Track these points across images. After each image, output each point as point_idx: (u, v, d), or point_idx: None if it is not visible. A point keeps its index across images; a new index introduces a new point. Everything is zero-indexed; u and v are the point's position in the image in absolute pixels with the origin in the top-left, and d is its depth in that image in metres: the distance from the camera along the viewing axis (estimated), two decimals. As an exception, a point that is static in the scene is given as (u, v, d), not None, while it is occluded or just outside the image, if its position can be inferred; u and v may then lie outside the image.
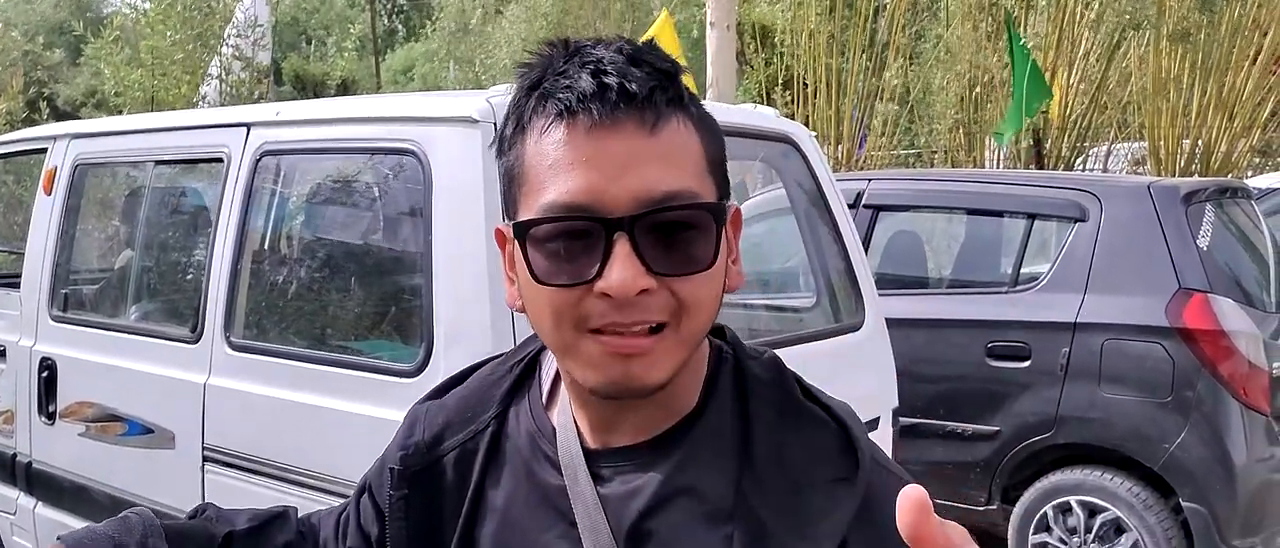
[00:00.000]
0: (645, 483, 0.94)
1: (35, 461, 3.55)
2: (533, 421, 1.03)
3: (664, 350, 0.88)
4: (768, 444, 0.93)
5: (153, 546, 1.11)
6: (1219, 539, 3.93)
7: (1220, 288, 4.05)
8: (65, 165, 3.65)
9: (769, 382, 0.97)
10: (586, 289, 0.86)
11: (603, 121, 0.86)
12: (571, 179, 0.86)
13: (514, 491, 1.01)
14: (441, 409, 1.10)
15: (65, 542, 1.09)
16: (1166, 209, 4.17)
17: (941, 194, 5.22)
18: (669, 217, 0.86)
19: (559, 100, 0.87)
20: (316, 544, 1.20)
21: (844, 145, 10.42)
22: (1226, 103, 9.60)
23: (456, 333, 2.41)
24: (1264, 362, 3.99)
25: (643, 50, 0.90)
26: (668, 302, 0.87)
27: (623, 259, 0.85)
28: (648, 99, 0.87)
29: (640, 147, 0.86)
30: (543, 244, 0.88)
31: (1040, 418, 4.23)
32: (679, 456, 0.94)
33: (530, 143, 0.90)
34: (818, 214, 3.31)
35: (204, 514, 1.21)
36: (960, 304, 4.64)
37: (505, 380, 1.07)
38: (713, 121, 0.94)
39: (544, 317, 0.90)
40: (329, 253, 3.00)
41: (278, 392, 2.75)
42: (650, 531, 0.93)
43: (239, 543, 1.16)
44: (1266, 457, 4.03)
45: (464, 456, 1.05)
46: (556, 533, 0.97)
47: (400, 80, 27.45)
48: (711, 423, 0.95)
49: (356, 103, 3.32)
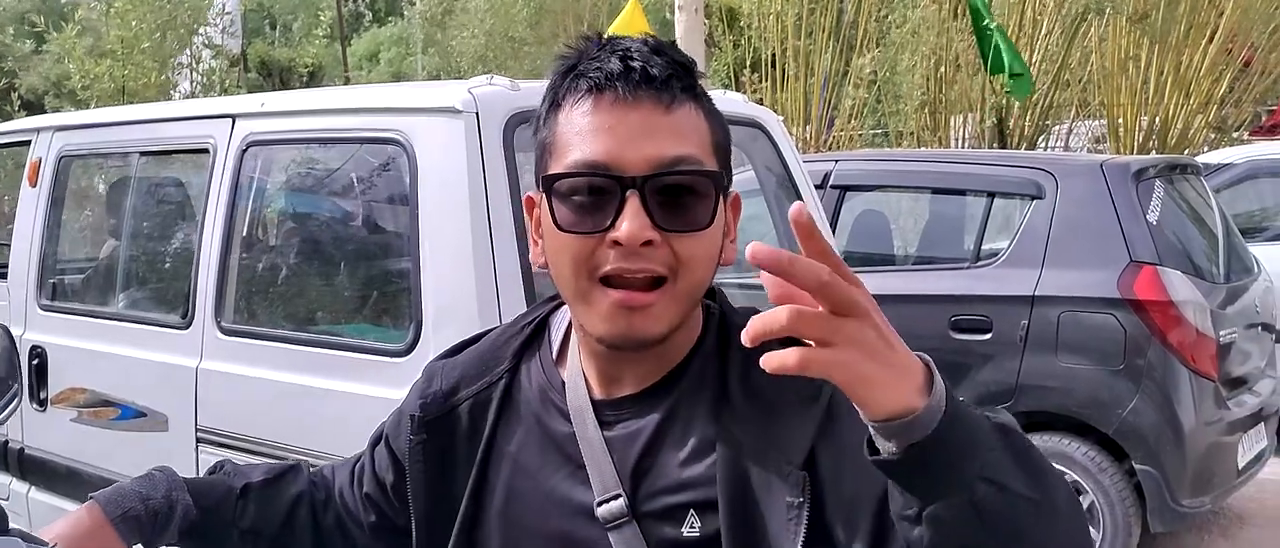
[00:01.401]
0: (644, 426, 1.08)
1: (27, 447, 3.63)
2: (543, 374, 1.16)
3: (663, 305, 1.02)
4: (740, 377, 1.06)
5: (177, 497, 1.22)
6: (1170, 499, 4.10)
7: (1170, 261, 4.22)
8: (49, 157, 3.71)
9: (742, 327, 1.11)
10: (600, 238, 1.00)
11: (625, 97, 1.01)
12: (595, 142, 1.01)
13: (525, 438, 1.14)
14: (456, 365, 1.21)
15: (98, 498, 1.21)
16: (1118, 186, 4.33)
17: (906, 174, 5.38)
18: (674, 180, 1.01)
19: (590, 78, 1.03)
20: (329, 494, 1.31)
21: (811, 126, 10.55)
22: (1183, 81, 9.82)
23: (445, 314, 2.53)
24: (1211, 330, 4.17)
25: (665, 45, 1.06)
26: (668, 256, 1.01)
27: (633, 213, 0.99)
28: (665, 83, 1.02)
29: (656, 120, 1.01)
30: (567, 198, 1.02)
31: (1001, 387, 4.38)
32: (671, 400, 1.08)
33: (562, 115, 1.05)
34: (786, 196, 3.44)
35: (222, 469, 1.33)
36: (924, 280, 4.79)
37: (517, 338, 1.20)
38: (720, 115, 1.09)
39: (564, 264, 1.03)
40: (317, 240, 3.11)
41: (271, 374, 2.85)
42: (648, 467, 1.07)
43: (255, 494, 1.27)
44: (1214, 420, 4.20)
45: (478, 405, 1.17)
46: (564, 475, 1.10)
47: (366, 66, 27.27)
48: (696, 369, 1.09)
49: (341, 94, 3.42)
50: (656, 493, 1.06)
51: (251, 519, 1.26)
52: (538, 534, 1.11)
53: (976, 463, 0.81)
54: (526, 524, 1.12)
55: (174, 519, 1.21)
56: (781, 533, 0.98)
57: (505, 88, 2.67)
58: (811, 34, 10.55)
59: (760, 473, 1.01)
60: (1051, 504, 0.84)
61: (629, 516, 1.05)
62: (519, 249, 2.53)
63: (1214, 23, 9.74)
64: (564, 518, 1.10)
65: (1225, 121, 10.75)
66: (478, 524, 1.14)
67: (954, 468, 0.80)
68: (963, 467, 0.80)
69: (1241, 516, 5.12)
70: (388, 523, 1.26)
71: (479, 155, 2.53)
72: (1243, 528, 5.01)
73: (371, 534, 1.28)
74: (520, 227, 2.55)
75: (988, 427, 0.83)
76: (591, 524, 1.07)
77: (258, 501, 1.27)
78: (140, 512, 1.19)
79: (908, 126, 10.31)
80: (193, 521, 1.22)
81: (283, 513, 1.28)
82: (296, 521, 1.28)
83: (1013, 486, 0.81)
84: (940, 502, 0.81)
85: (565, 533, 1.09)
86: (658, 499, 1.06)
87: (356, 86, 6.96)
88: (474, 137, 2.54)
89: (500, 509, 1.13)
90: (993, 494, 0.80)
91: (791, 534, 0.98)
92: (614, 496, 1.06)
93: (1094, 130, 10.99)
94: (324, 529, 1.29)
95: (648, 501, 1.06)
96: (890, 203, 5.45)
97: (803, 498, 0.98)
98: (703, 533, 1.04)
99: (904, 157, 6.45)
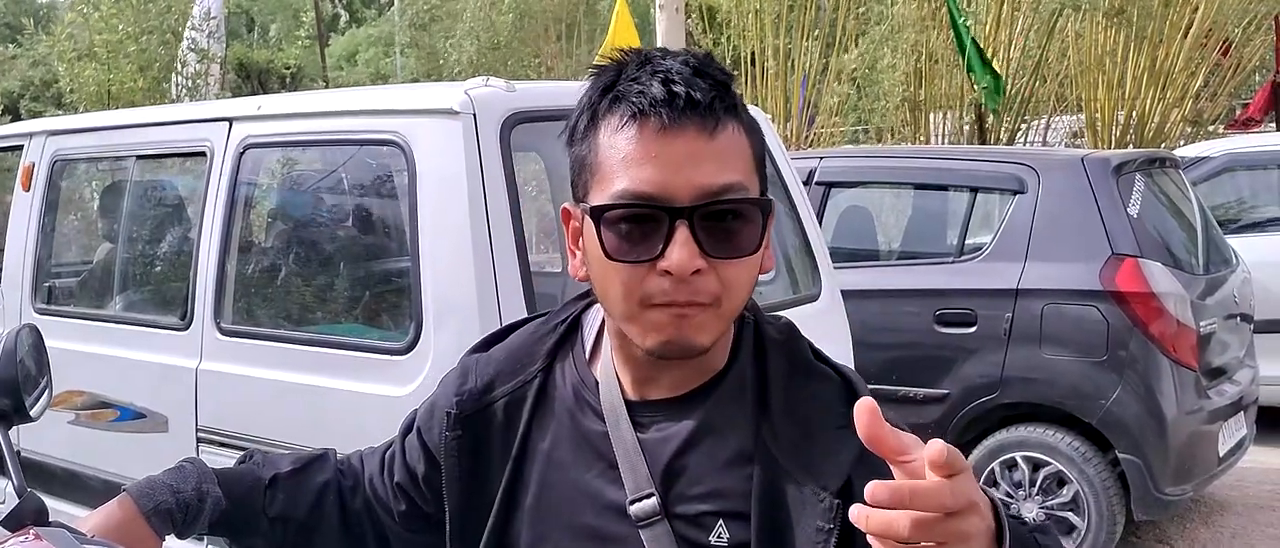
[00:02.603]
0: (678, 430, 1.10)
1: (23, 450, 3.64)
2: (577, 373, 1.18)
3: (710, 320, 1.04)
4: (782, 396, 1.09)
5: (206, 489, 1.25)
6: (1153, 488, 4.17)
7: (1150, 253, 4.30)
8: (43, 161, 3.73)
9: (783, 342, 1.14)
10: (650, 267, 1.02)
11: (670, 125, 1.01)
12: (641, 172, 1.01)
13: (558, 436, 1.16)
14: (490, 361, 1.23)
15: (130, 491, 1.24)
16: (1099, 180, 4.40)
17: (889, 170, 5.45)
18: (722, 208, 1.02)
19: (633, 103, 1.02)
20: (356, 481, 1.34)
21: (793, 123, 10.62)
22: (1159, 76, 9.93)
23: (444, 312, 2.57)
24: (1191, 321, 4.25)
25: (705, 63, 1.05)
26: (714, 283, 1.03)
27: (682, 242, 1.00)
28: (709, 107, 1.02)
29: (700, 147, 1.01)
30: (615, 226, 1.03)
31: (986, 380, 4.44)
32: (707, 407, 1.11)
33: (603, 136, 1.05)
34: (775, 193, 3.50)
35: (251, 459, 1.35)
36: (910, 275, 4.86)
37: (550, 338, 1.22)
38: (756, 124, 1.10)
39: (613, 289, 1.05)
40: (316, 240, 3.14)
41: (272, 373, 2.88)
42: (680, 470, 1.09)
43: (283, 483, 1.30)
44: (1196, 410, 4.28)
45: (513, 403, 1.19)
46: (596, 473, 1.13)
47: (344, 67, 27.18)
48: (734, 379, 1.12)
49: (338, 96, 3.45)
50: (687, 498, 1.08)
51: (280, 507, 1.28)
52: (568, 528, 1.13)
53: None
54: (557, 518, 1.14)
55: (204, 511, 1.24)
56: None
57: (501, 89, 2.72)
58: (791, 31, 10.61)
59: (796, 494, 1.04)
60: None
61: (661, 514, 1.08)
62: (517, 247, 2.58)
63: (1189, 18, 9.86)
64: (594, 514, 1.12)
65: (1201, 115, 10.88)
66: (510, 519, 1.17)
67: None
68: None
69: (1222, 503, 5.21)
70: (418, 511, 1.28)
71: (477, 156, 2.57)
72: (1223, 516, 5.09)
73: (401, 522, 1.30)
74: (518, 225, 2.60)
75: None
76: (621, 521, 1.10)
77: (286, 489, 1.29)
78: (171, 504, 1.22)
79: (888, 122, 10.39)
80: (223, 511, 1.25)
81: (310, 500, 1.30)
82: (324, 507, 1.31)
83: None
84: None
85: (595, 529, 1.12)
86: (688, 504, 1.08)
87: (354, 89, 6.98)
88: (471, 137, 2.58)
89: (533, 504, 1.16)
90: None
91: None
92: (647, 494, 1.09)
93: (1072, 125, 11.09)
94: (351, 516, 1.32)
95: (678, 503, 1.09)
96: (875, 199, 5.51)
97: (833, 526, 1.01)
98: (730, 544, 1.06)
99: (888, 153, 6.53)
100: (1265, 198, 6.86)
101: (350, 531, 1.32)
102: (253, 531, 1.29)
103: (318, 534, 1.31)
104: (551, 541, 1.15)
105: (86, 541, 1.15)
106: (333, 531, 1.31)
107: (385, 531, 1.32)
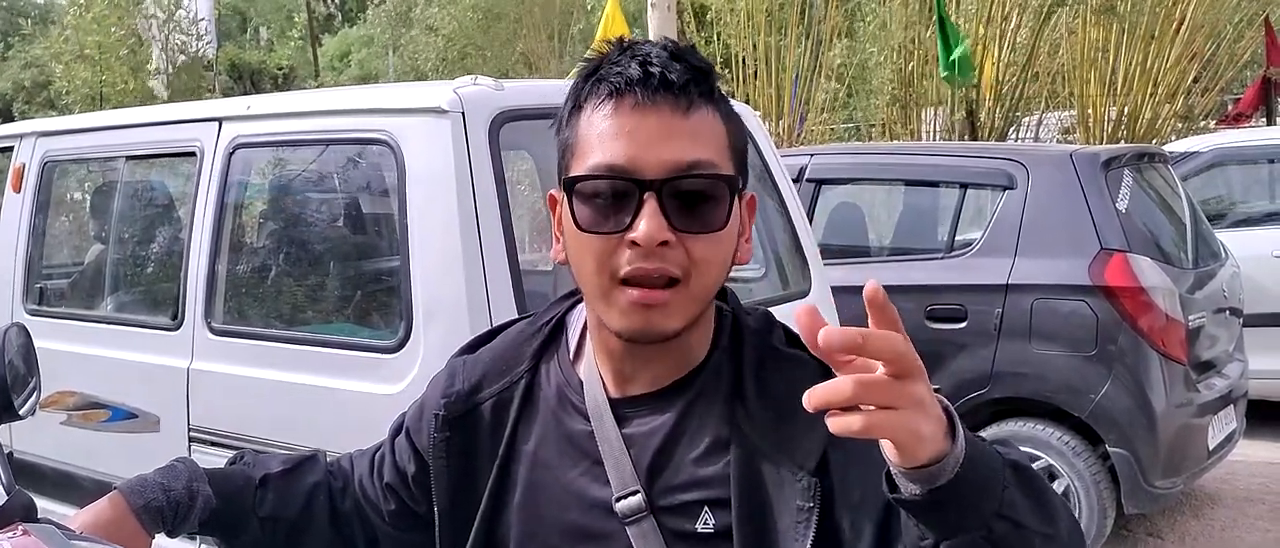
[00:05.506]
0: (660, 424, 1.13)
1: (15, 451, 3.64)
2: (562, 374, 1.20)
3: (678, 304, 1.06)
4: (755, 382, 1.11)
5: (197, 488, 1.26)
6: (1143, 481, 4.18)
7: (1139, 247, 4.31)
8: (33, 163, 3.73)
9: (758, 331, 1.17)
10: (620, 239, 1.04)
11: (644, 102, 1.05)
12: (615, 146, 1.05)
13: (544, 436, 1.18)
14: (477, 363, 1.25)
15: (121, 489, 1.25)
16: (1087, 175, 4.42)
17: (880, 167, 5.46)
18: (690, 183, 1.05)
19: (611, 83, 1.06)
20: (346, 483, 1.35)
21: (784, 120, 10.63)
22: (1151, 71, 9.96)
23: (434, 310, 2.58)
24: (1180, 315, 4.26)
25: (684, 50, 1.09)
26: (682, 258, 1.05)
27: (650, 214, 1.03)
28: (683, 88, 1.05)
29: (673, 124, 1.05)
30: (588, 199, 1.06)
31: (977, 375, 4.46)
32: (686, 399, 1.13)
33: (584, 117, 1.09)
34: (764, 190, 3.50)
35: (242, 459, 1.36)
36: (900, 271, 4.86)
37: (536, 339, 1.24)
38: (736, 114, 1.13)
39: (586, 263, 1.07)
40: (306, 240, 3.15)
41: (262, 373, 2.89)
42: (664, 464, 1.12)
43: (274, 483, 1.31)
44: (1185, 403, 4.29)
45: (500, 404, 1.21)
46: (581, 471, 1.15)
47: (337, 67, 27.16)
48: (712, 370, 1.14)
49: (327, 95, 3.45)
50: (672, 489, 1.11)
51: (270, 507, 1.29)
52: (555, 527, 1.15)
53: (994, 501, 0.86)
54: (544, 517, 1.16)
55: (195, 509, 1.25)
56: (790, 533, 1.04)
57: (490, 88, 2.73)
58: (782, 29, 10.63)
59: (773, 473, 1.06)
60: (1059, 536, 0.90)
61: (647, 510, 1.10)
62: (506, 245, 2.59)
63: (1180, 13, 9.88)
64: (581, 512, 1.14)
65: (1192, 111, 10.90)
66: (498, 518, 1.19)
67: (973, 508, 0.85)
68: (981, 506, 0.85)
69: (1212, 496, 5.24)
70: (407, 511, 1.30)
71: (465, 154, 2.58)
72: (1213, 508, 5.12)
73: (391, 522, 1.31)
74: (507, 223, 2.61)
75: (1002, 464, 0.88)
76: (608, 518, 1.12)
77: (276, 489, 1.31)
78: (162, 502, 1.23)
79: (878, 118, 10.41)
80: (213, 510, 1.26)
81: (301, 501, 1.31)
82: (314, 508, 1.32)
83: (1027, 522, 0.87)
84: (958, 537, 0.86)
85: (582, 526, 1.14)
86: (673, 495, 1.10)
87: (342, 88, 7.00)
88: (460, 136, 2.59)
89: (520, 503, 1.18)
90: (1008, 530, 0.86)
91: (800, 536, 1.03)
92: (632, 491, 1.11)
93: (1063, 121, 11.11)
94: (341, 516, 1.33)
95: (663, 496, 1.11)
96: (865, 195, 5.52)
97: (813, 504, 1.03)
98: (716, 529, 1.08)
99: (878, 150, 6.53)
100: (1254, 192, 6.89)
101: (340, 531, 1.33)
102: (243, 530, 1.30)
103: (308, 535, 1.32)
104: (539, 539, 1.16)
105: (75, 537, 1.16)
106: (322, 531, 1.32)
107: (375, 531, 1.33)
